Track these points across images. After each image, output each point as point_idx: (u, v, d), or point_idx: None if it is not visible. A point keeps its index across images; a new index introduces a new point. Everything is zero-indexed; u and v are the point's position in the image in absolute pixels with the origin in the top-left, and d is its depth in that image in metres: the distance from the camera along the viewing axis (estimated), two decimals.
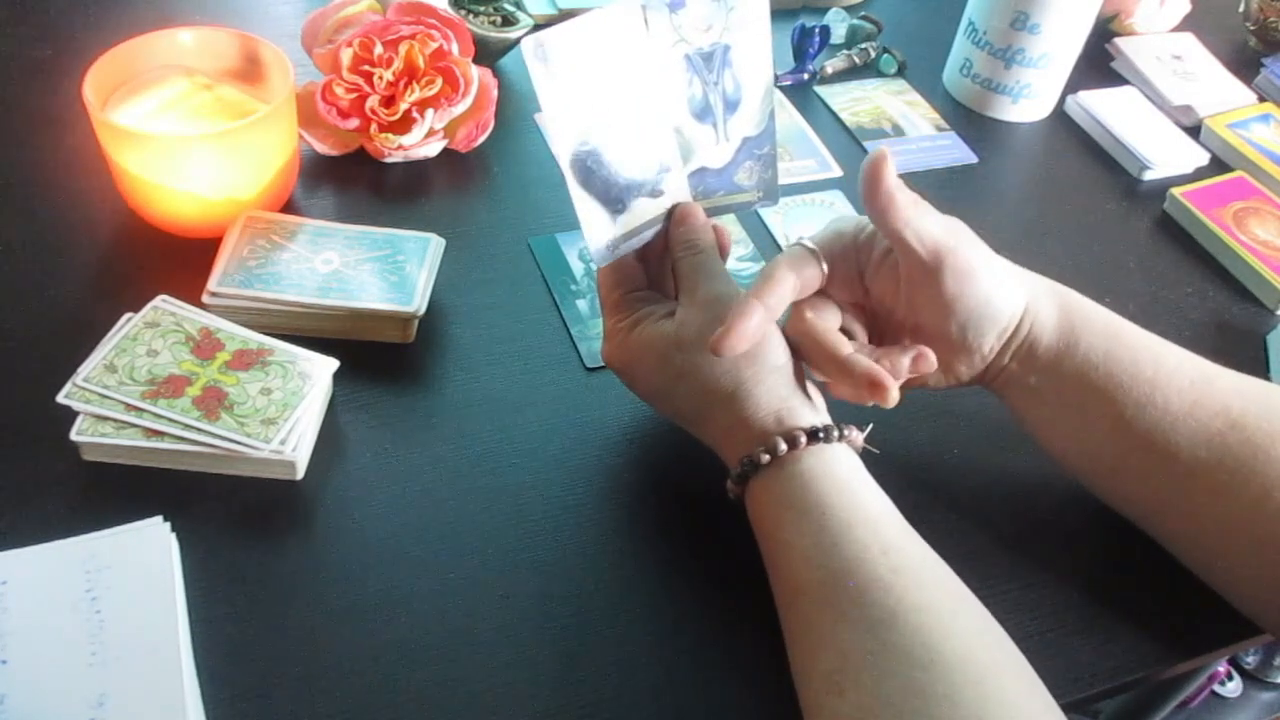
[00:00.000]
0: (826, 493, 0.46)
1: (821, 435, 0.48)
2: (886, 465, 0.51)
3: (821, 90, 0.90)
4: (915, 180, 0.81)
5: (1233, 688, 1.30)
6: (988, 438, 0.62)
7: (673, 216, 0.55)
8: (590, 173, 0.51)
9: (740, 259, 0.72)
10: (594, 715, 0.47)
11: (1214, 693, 1.29)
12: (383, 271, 0.62)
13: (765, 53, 0.54)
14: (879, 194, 0.48)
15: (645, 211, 0.54)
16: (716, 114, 0.54)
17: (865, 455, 0.51)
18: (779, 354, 0.51)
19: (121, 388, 0.53)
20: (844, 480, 0.47)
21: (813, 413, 0.50)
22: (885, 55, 0.94)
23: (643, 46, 0.51)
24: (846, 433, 0.49)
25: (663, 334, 0.51)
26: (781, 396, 0.49)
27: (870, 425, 0.51)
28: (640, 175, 0.53)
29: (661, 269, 0.56)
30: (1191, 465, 0.50)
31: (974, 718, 0.39)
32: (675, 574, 0.53)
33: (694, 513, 0.56)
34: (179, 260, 0.63)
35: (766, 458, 0.47)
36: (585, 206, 0.51)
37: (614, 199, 0.52)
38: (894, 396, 0.48)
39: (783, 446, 0.47)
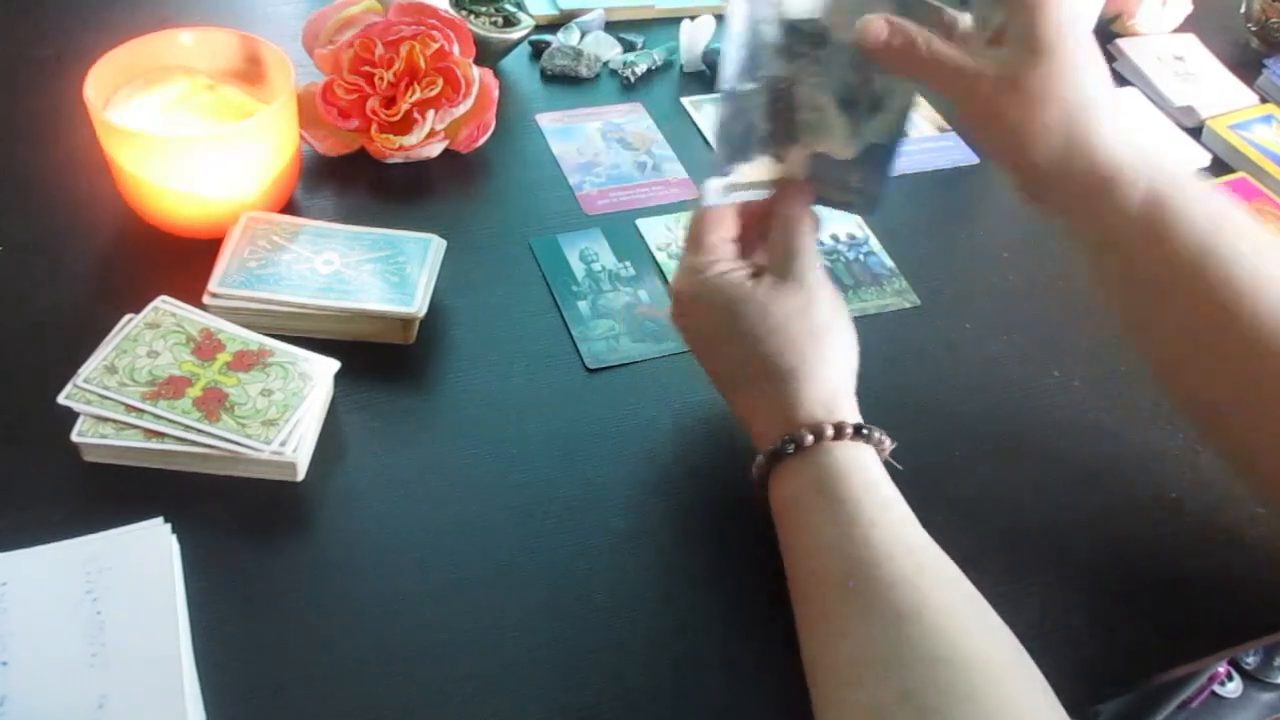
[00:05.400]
0: (860, 487, 0.47)
1: (864, 433, 0.48)
2: (887, 465, 0.51)
3: None
4: (917, 180, 0.81)
5: (1233, 688, 1.30)
6: (989, 439, 0.62)
7: (784, 190, 0.55)
8: (740, 113, 0.53)
9: None
10: (595, 716, 0.47)
11: (1214, 693, 1.29)
12: (383, 272, 0.62)
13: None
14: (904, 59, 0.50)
15: (763, 171, 0.55)
16: (860, 109, 0.54)
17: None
18: (845, 349, 0.51)
19: (122, 389, 0.53)
20: (875, 479, 0.48)
21: (854, 413, 0.50)
22: None
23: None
24: (880, 436, 0.49)
25: (745, 288, 0.51)
26: (834, 389, 0.50)
27: (895, 444, 0.51)
28: (775, 136, 0.54)
29: (749, 235, 0.56)
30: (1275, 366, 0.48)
31: (991, 717, 0.39)
32: (676, 574, 0.53)
33: (694, 514, 0.56)
34: (179, 261, 0.63)
35: (810, 439, 0.47)
36: (720, 142, 0.53)
37: (745, 146, 0.53)
38: None
39: (829, 432, 0.47)
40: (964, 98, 0.50)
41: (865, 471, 0.47)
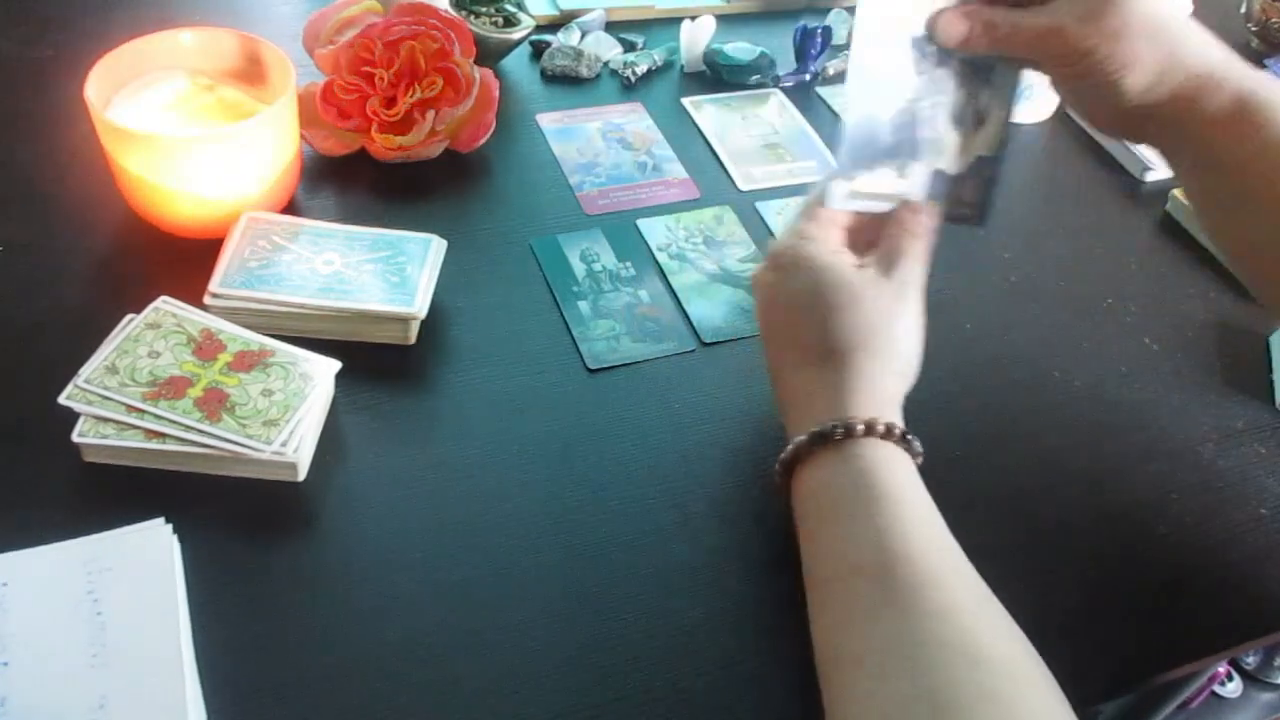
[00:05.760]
0: (904, 484, 0.47)
1: (909, 439, 0.49)
2: None
3: (823, 90, 0.89)
4: None
5: (1233, 688, 1.30)
6: (988, 439, 0.62)
7: (907, 204, 0.56)
8: (866, 121, 0.55)
9: (741, 260, 0.72)
10: (596, 717, 0.47)
11: (1214, 693, 1.29)
12: (384, 273, 0.62)
13: (1016, 86, 0.56)
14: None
15: (885, 184, 0.57)
16: (967, 126, 0.56)
17: None
18: (911, 365, 0.52)
19: (123, 389, 0.53)
20: (915, 480, 0.48)
21: (900, 423, 0.51)
22: None
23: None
24: (918, 447, 0.50)
25: (846, 269, 0.52)
26: (892, 397, 0.51)
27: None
28: (900, 151, 0.56)
29: (860, 235, 0.57)
30: None
31: (1013, 719, 0.39)
32: (677, 574, 0.53)
33: (694, 513, 0.56)
34: (180, 261, 0.63)
35: (862, 429, 0.48)
36: (847, 147, 0.55)
37: (870, 156, 0.56)
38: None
39: (880, 429, 0.48)
40: (1052, 52, 0.53)
41: (909, 470, 0.48)
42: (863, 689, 0.41)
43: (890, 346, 0.51)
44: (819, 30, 0.88)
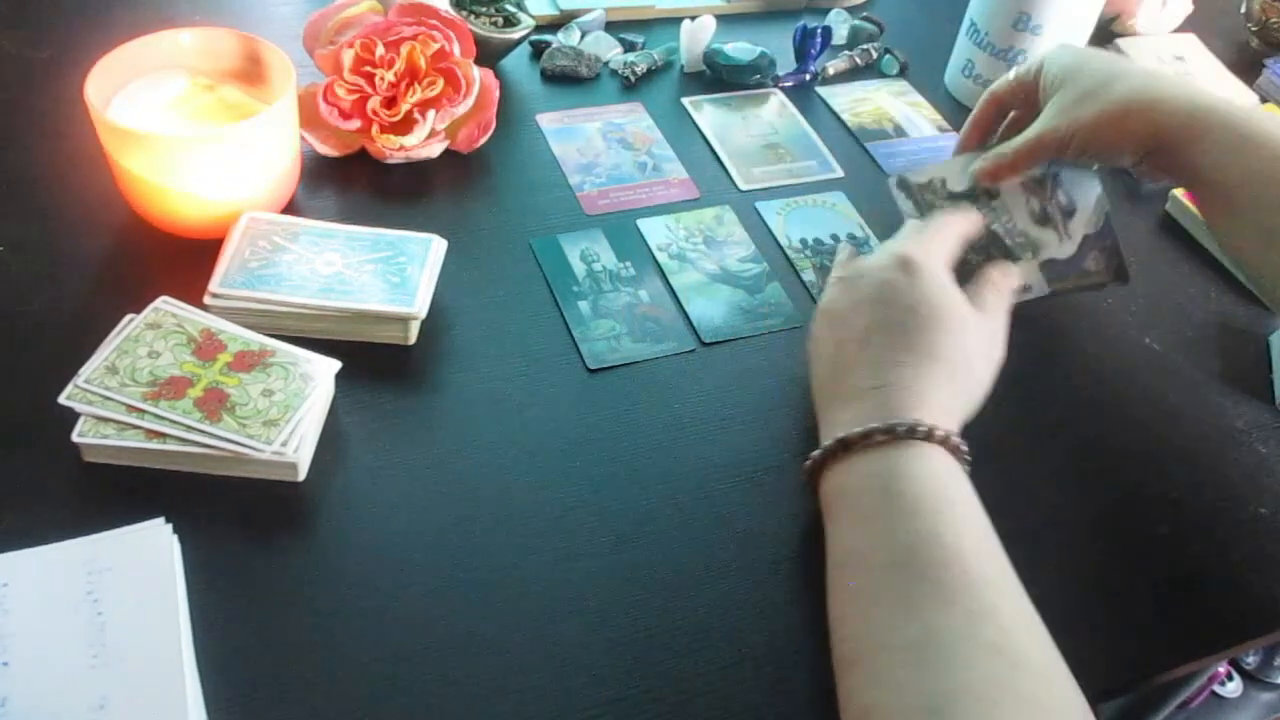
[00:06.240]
0: (960, 487, 0.49)
1: (968, 458, 0.51)
2: None
3: (823, 91, 0.90)
4: None
5: (1233, 688, 1.30)
6: (988, 440, 0.62)
7: (999, 267, 0.62)
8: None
9: (741, 260, 0.72)
10: (599, 716, 0.47)
11: (1214, 693, 1.29)
12: (384, 273, 0.62)
13: (1093, 179, 0.64)
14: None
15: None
16: (1055, 220, 0.64)
17: None
18: (975, 399, 0.55)
19: (123, 389, 0.53)
20: (971, 489, 0.50)
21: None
22: (887, 56, 0.94)
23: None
24: (968, 465, 0.51)
25: (962, 301, 0.56)
26: (952, 413, 0.52)
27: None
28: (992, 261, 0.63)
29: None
30: None
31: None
32: (676, 575, 0.53)
33: (696, 513, 0.56)
34: (180, 261, 0.63)
35: (941, 434, 0.49)
36: None
37: (964, 276, 0.59)
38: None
39: (954, 440, 0.50)
40: (1056, 150, 0.62)
41: (964, 476, 0.50)
42: (896, 678, 0.42)
43: (971, 376, 0.55)
44: (819, 30, 0.88)
